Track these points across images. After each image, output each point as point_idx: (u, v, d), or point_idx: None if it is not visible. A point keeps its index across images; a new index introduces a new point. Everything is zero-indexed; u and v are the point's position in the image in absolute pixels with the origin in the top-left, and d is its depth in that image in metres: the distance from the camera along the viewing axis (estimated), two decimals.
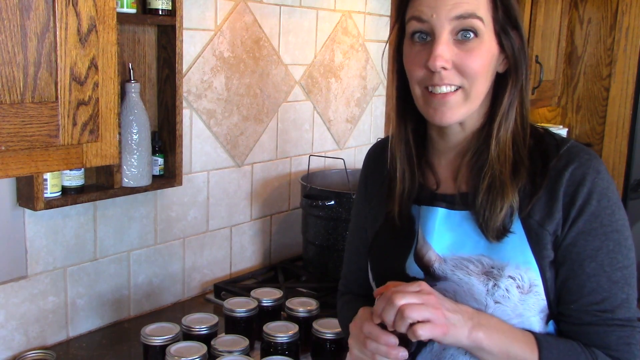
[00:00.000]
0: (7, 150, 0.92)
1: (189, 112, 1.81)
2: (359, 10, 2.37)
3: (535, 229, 0.98)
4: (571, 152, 1.00)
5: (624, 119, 2.95)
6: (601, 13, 2.98)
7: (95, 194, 1.52)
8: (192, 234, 1.88)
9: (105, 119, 1.03)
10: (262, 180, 2.09)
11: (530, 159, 1.01)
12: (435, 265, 1.03)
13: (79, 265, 1.60)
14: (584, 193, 0.96)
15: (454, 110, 0.98)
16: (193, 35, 1.77)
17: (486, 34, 0.96)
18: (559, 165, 0.98)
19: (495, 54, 0.98)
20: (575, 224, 0.96)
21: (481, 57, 0.96)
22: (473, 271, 1.00)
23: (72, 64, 0.97)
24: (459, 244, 1.02)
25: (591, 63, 3.03)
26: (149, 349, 1.40)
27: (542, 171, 0.99)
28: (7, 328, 1.47)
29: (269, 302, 1.62)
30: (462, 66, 0.95)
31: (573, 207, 0.96)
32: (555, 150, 1.01)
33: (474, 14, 0.94)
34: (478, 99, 0.99)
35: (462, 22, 0.94)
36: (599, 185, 0.96)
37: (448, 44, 0.95)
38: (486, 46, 0.96)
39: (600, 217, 0.96)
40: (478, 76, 0.96)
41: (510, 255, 0.98)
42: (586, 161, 0.98)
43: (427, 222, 1.05)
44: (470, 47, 0.95)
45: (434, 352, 1.05)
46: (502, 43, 0.98)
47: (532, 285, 0.97)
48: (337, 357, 1.47)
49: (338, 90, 2.34)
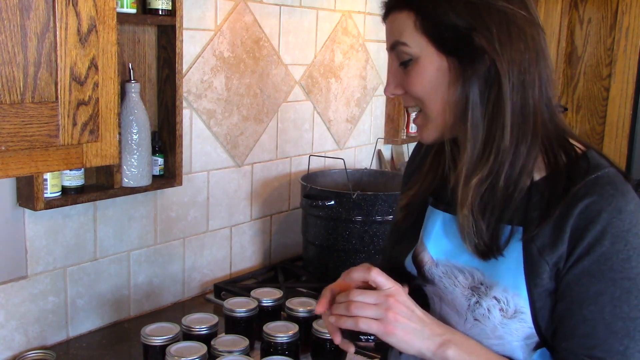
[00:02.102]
0: (7, 150, 0.92)
1: (189, 112, 1.81)
2: (359, 10, 2.37)
3: (534, 257, 0.92)
4: (596, 183, 0.89)
5: (624, 119, 2.95)
6: (601, 13, 2.98)
7: (95, 194, 1.52)
8: (192, 234, 1.88)
9: (105, 119, 1.03)
10: (262, 180, 2.09)
11: (553, 180, 0.93)
12: (426, 267, 1.03)
13: (79, 265, 1.60)
14: (596, 231, 0.87)
15: (423, 130, 0.98)
16: (193, 35, 1.77)
17: (422, 54, 0.92)
18: (580, 194, 0.89)
19: (443, 67, 0.91)
20: (581, 262, 0.88)
21: (420, 78, 0.93)
22: (460, 283, 0.98)
23: (72, 64, 0.97)
24: (456, 252, 1.00)
25: (591, 63, 3.04)
26: (149, 349, 1.40)
27: (561, 195, 0.90)
28: (7, 328, 1.47)
29: (269, 302, 1.62)
30: (408, 91, 0.96)
31: (581, 244, 0.88)
32: (582, 176, 0.90)
33: (398, 41, 0.94)
34: (439, 115, 0.94)
35: (396, 52, 0.95)
36: (616, 226, 0.87)
37: (396, 72, 0.96)
38: (427, 66, 0.92)
39: (610, 261, 0.87)
40: (426, 96, 0.94)
41: (501, 276, 0.94)
42: (609, 197, 0.88)
43: (428, 224, 1.05)
44: (408, 71, 0.95)
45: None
46: (450, 50, 0.91)
47: (517, 312, 0.93)
48: (337, 357, 1.47)
49: (338, 90, 2.34)
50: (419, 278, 1.05)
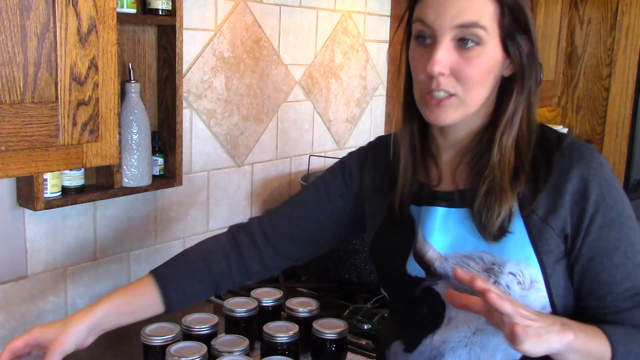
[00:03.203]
0: (7, 150, 0.92)
1: (189, 112, 1.81)
2: (359, 10, 2.37)
3: (538, 225, 0.98)
4: (573, 148, 1.00)
5: (624, 119, 2.95)
6: (601, 13, 2.98)
7: (95, 194, 1.52)
8: (192, 234, 1.88)
9: (105, 119, 1.03)
10: (262, 180, 2.09)
11: (533, 154, 1.01)
12: (437, 263, 1.03)
13: (79, 265, 1.60)
14: (595, 188, 0.97)
15: (449, 113, 0.98)
16: (193, 35, 1.77)
17: (489, 42, 0.95)
18: (563, 161, 0.99)
19: (499, 60, 0.98)
20: (595, 219, 0.97)
21: (480, 66, 0.96)
22: (474, 268, 1.00)
23: (72, 64, 0.97)
24: (460, 241, 1.02)
25: (591, 63, 3.03)
26: (149, 349, 1.40)
27: (546, 164, 1.00)
28: (7, 328, 1.47)
29: (269, 302, 1.61)
30: (459, 73, 0.95)
31: (588, 203, 0.97)
32: (558, 143, 1.01)
33: (477, 23, 0.94)
34: (475, 104, 0.99)
35: (464, 31, 0.94)
36: (605, 177, 0.98)
37: (448, 50, 0.95)
38: (488, 54, 0.96)
39: (615, 208, 0.98)
40: (474, 84, 0.96)
41: (511, 252, 0.99)
42: (590, 156, 0.99)
43: (426, 222, 1.05)
44: (470, 55, 0.95)
45: (434, 345, 1.05)
46: (508, 49, 0.97)
47: (532, 282, 0.98)
48: (337, 357, 1.47)
49: (338, 90, 2.34)
50: (428, 278, 1.05)
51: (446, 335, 1.05)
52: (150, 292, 1.18)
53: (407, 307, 1.12)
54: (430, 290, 1.05)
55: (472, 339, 1.02)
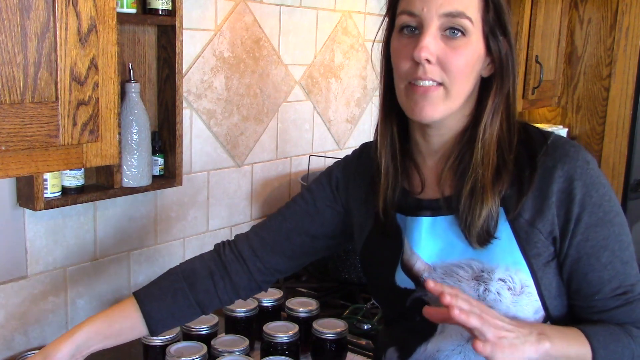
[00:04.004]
0: (7, 150, 0.92)
1: (189, 112, 1.81)
2: (359, 10, 2.37)
3: (526, 229, 0.97)
4: (557, 146, 0.99)
5: (624, 119, 2.95)
6: (601, 13, 2.98)
7: (95, 194, 1.52)
8: (192, 234, 1.88)
9: (105, 119, 1.03)
10: (262, 180, 2.09)
11: (517, 156, 1.00)
12: (425, 274, 1.02)
13: (79, 265, 1.60)
14: (580, 187, 0.96)
15: (434, 106, 0.97)
16: (193, 35, 1.77)
17: (474, 34, 0.96)
18: (548, 160, 0.98)
19: (481, 55, 0.98)
20: (582, 219, 0.96)
21: (465, 56, 0.96)
22: (463, 277, 0.99)
23: (72, 64, 0.97)
24: (447, 250, 1.01)
25: (591, 63, 3.03)
26: (149, 349, 1.40)
27: (530, 164, 0.99)
28: (7, 328, 1.47)
29: (269, 302, 1.62)
30: (445, 62, 0.95)
31: (573, 203, 0.96)
32: (540, 144, 1.00)
33: (463, 13, 0.94)
34: (459, 98, 0.98)
35: (451, 20, 0.95)
36: (591, 175, 0.97)
37: (435, 38, 0.95)
38: (472, 46, 0.96)
39: (602, 206, 0.97)
40: (460, 74, 0.96)
41: (499, 258, 0.98)
42: (575, 154, 0.98)
43: (413, 232, 1.04)
44: (456, 45, 0.95)
45: (428, 353, 1.05)
46: (490, 46, 0.98)
47: (523, 286, 0.97)
48: (337, 357, 1.47)
49: (338, 90, 2.34)
50: (418, 289, 1.04)
51: (440, 343, 1.04)
52: (131, 314, 1.15)
53: (399, 317, 1.12)
54: (421, 300, 1.04)
55: (465, 346, 1.02)
